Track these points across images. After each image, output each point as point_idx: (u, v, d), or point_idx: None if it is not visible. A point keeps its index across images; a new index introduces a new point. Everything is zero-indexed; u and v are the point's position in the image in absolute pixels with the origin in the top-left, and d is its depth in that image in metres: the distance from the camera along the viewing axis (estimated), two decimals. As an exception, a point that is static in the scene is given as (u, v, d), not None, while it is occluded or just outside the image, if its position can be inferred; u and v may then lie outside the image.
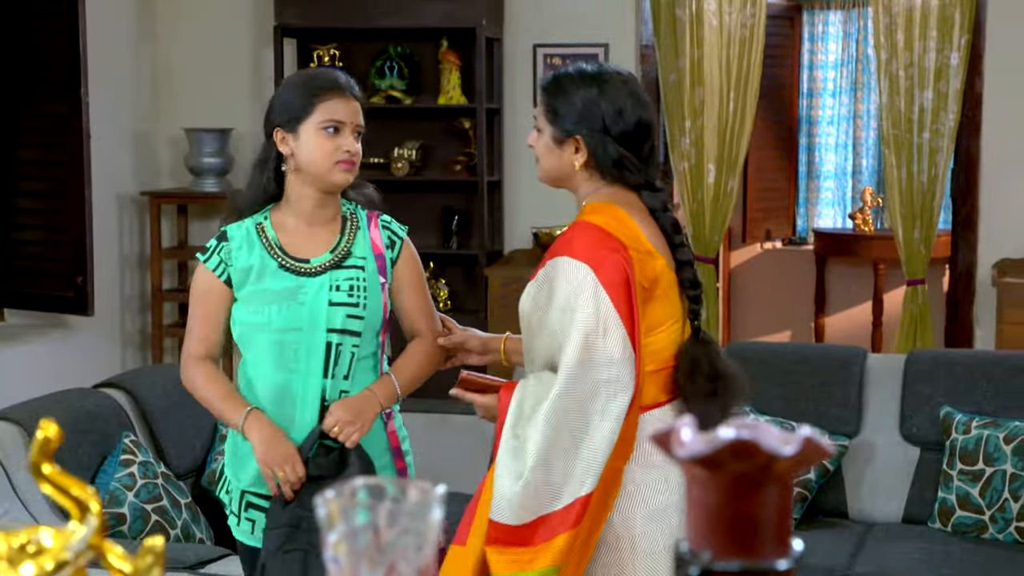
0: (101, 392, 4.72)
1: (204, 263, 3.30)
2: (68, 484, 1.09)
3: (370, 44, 6.94)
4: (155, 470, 4.53)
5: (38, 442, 1.10)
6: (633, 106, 3.07)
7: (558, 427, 2.91)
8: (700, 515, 0.96)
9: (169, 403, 4.84)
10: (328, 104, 3.28)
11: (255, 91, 7.10)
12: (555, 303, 2.96)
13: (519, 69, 6.85)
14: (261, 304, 3.26)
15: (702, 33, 6.66)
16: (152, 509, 4.41)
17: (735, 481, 0.94)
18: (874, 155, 9.49)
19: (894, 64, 6.51)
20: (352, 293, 3.31)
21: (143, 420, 4.76)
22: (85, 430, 4.46)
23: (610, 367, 2.91)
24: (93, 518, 1.07)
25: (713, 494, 0.95)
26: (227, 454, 3.40)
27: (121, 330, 6.90)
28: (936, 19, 6.43)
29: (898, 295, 8.89)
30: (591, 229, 2.99)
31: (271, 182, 3.33)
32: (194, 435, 4.89)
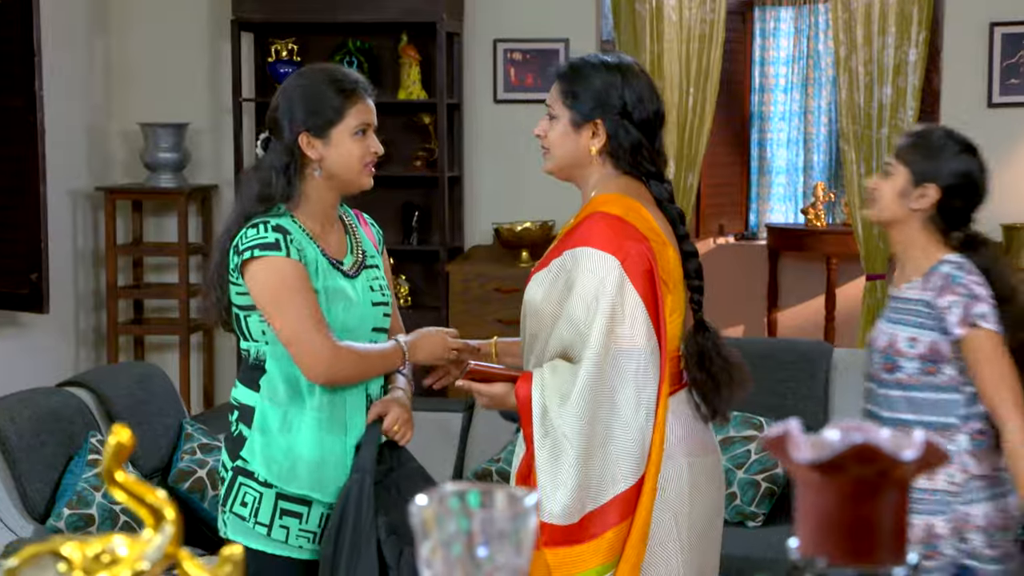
0: (66, 391, 4.65)
1: (285, 255, 3.12)
2: (142, 491, 1.05)
3: (329, 38, 6.87)
4: (123, 470, 4.46)
5: (111, 448, 1.05)
6: (651, 96, 3.08)
7: (591, 421, 2.90)
8: (814, 521, 0.93)
9: (134, 402, 4.78)
10: (360, 107, 3.23)
11: (212, 85, 7.02)
12: (577, 294, 2.95)
13: (479, 64, 6.81)
14: (330, 303, 3.20)
15: (662, 28, 6.65)
16: (120, 510, 4.35)
17: (853, 486, 0.92)
18: (825, 151, 9.53)
19: (853, 60, 6.53)
20: (383, 292, 3.33)
21: (108, 419, 4.69)
22: (51, 429, 4.40)
23: (638, 358, 2.92)
24: (168, 526, 1.03)
25: (829, 499, 0.92)
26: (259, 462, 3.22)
27: (75, 328, 6.80)
28: (895, 15, 6.45)
29: (850, 289, 8.95)
30: (611, 220, 2.98)
31: (290, 186, 3.22)
32: (160, 434, 4.83)
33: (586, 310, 2.93)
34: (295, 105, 3.22)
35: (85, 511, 4.28)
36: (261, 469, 3.21)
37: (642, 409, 2.92)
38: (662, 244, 3.02)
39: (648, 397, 2.92)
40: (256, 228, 3.15)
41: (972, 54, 6.46)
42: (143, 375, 4.92)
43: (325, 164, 3.21)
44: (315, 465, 3.22)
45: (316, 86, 3.25)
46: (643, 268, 2.93)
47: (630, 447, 2.91)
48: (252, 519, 3.22)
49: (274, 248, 3.11)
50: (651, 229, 3.01)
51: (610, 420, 2.91)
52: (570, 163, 3.12)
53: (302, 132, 3.19)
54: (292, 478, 3.21)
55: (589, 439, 2.90)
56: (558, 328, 2.99)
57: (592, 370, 2.90)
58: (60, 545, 1.01)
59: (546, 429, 2.94)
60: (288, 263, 3.12)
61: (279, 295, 3.12)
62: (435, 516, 0.98)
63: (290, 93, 3.27)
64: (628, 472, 2.91)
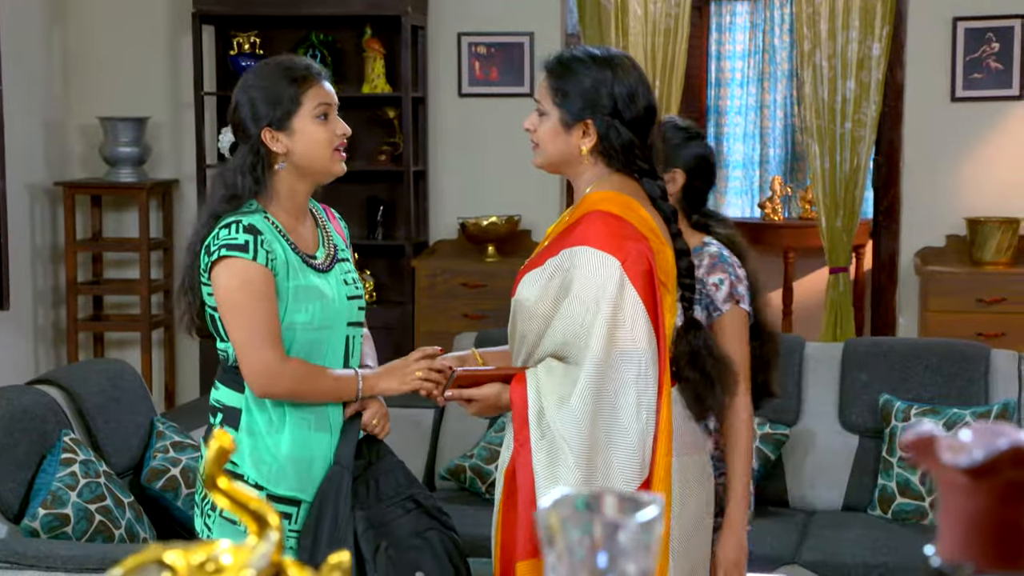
0: (36, 389, 4.55)
1: (251, 259, 3.06)
2: (246, 498, 1.01)
3: (291, 32, 6.80)
4: (97, 469, 4.38)
5: (213, 453, 1.01)
6: (643, 91, 3.01)
7: (592, 424, 2.84)
8: (961, 525, 0.91)
9: (105, 400, 4.69)
10: (315, 90, 3.17)
11: (172, 79, 6.93)
12: (576, 295, 2.89)
13: (443, 58, 6.76)
14: (306, 301, 3.14)
15: (627, 22, 6.64)
16: (96, 509, 4.26)
17: (1005, 489, 0.89)
18: (781, 145, 9.56)
19: (817, 54, 6.55)
20: (356, 285, 3.28)
21: (80, 418, 4.60)
22: (24, 428, 4.30)
23: (640, 361, 2.86)
24: (273, 533, 1.00)
25: (978, 503, 0.90)
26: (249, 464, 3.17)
27: (34, 324, 6.70)
28: (858, 10, 6.47)
29: (807, 282, 8.98)
30: (610, 219, 2.92)
31: (256, 183, 3.15)
32: (131, 432, 4.74)
33: (585, 312, 2.87)
34: (254, 101, 3.16)
35: (60, 511, 4.20)
36: (251, 472, 3.15)
37: (643, 411, 2.86)
38: (661, 243, 2.97)
39: (649, 399, 2.87)
40: (228, 228, 3.09)
41: (935, 49, 6.49)
42: (113, 372, 4.83)
43: (292, 157, 3.15)
44: (303, 465, 3.19)
45: (269, 79, 3.19)
46: (643, 269, 2.88)
47: (631, 451, 2.85)
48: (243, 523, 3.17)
49: (242, 250, 3.06)
50: (650, 228, 2.96)
51: (611, 423, 2.85)
52: (560, 161, 3.07)
53: (264, 128, 3.13)
54: (281, 479, 3.17)
55: (589, 442, 2.84)
56: (553, 328, 2.94)
57: (593, 373, 2.84)
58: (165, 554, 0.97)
59: (543, 430, 2.88)
60: (253, 268, 3.07)
61: (237, 300, 3.08)
62: (560, 521, 0.95)
63: (246, 91, 3.20)
64: (631, 477, 2.85)
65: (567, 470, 2.84)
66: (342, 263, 3.28)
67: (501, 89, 6.72)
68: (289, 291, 3.13)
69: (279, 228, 3.16)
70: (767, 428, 5.12)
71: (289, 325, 3.14)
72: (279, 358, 3.07)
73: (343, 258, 3.30)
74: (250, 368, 3.08)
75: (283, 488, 3.17)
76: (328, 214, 3.38)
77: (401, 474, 3.31)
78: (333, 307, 3.19)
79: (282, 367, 3.08)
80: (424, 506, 3.28)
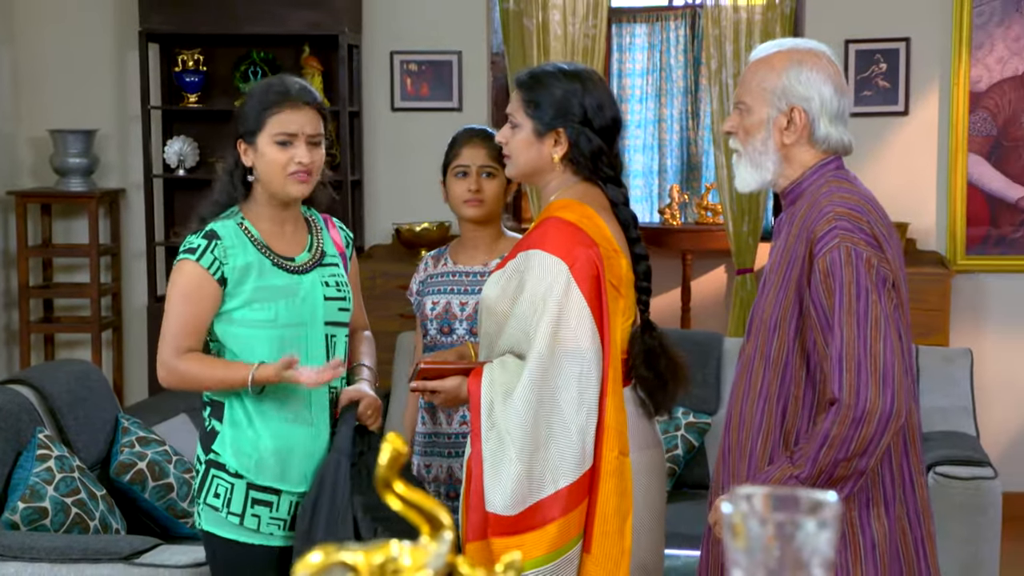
0: (10, 388, 4.44)
1: (196, 261, 3.10)
2: (420, 500, 0.98)
3: (233, 49, 6.70)
4: (71, 464, 4.28)
5: (389, 457, 0.98)
6: (610, 103, 3.01)
7: (535, 418, 2.82)
8: None
9: (73, 398, 4.59)
10: (279, 116, 3.13)
11: (119, 94, 6.79)
12: (526, 294, 2.88)
13: (377, 74, 6.70)
14: (267, 301, 3.12)
15: (548, 42, 6.64)
16: (72, 502, 4.17)
17: None
18: (677, 156, 9.61)
19: (723, 72, 6.60)
20: (339, 288, 3.26)
21: (51, 415, 4.50)
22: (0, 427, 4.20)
23: (582, 360, 2.84)
24: (448, 533, 0.96)
25: None
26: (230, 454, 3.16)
27: (-13, 327, 6.53)
28: (759, 32, 6.54)
29: (703, 282, 9.05)
30: (564, 226, 2.92)
31: (238, 188, 3.19)
32: (98, 428, 4.64)
33: (533, 311, 2.86)
34: (238, 115, 3.20)
35: (39, 504, 4.10)
36: (232, 461, 3.16)
37: (583, 409, 2.84)
38: (613, 251, 2.96)
39: (591, 398, 2.85)
40: (196, 233, 3.15)
41: (830, 68, 6.56)
42: (81, 372, 4.73)
43: (256, 171, 3.17)
44: (281, 456, 3.17)
45: (255, 95, 3.20)
46: (591, 273, 2.87)
47: (570, 445, 2.83)
48: (225, 509, 3.16)
49: (191, 252, 3.11)
50: (603, 237, 2.95)
51: (551, 419, 2.83)
52: (532, 170, 3.07)
53: (238, 139, 3.16)
54: (261, 470, 3.16)
55: (530, 436, 2.82)
56: (508, 326, 2.93)
57: (535, 369, 2.82)
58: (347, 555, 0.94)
59: (492, 422, 2.87)
60: (192, 268, 3.10)
61: (170, 295, 3.15)
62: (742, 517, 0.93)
63: (244, 101, 3.24)
64: (568, 470, 2.83)
65: (509, 462, 2.82)
66: (326, 267, 3.25)
67: (431, 104, 6.68)
68: (247, 292, 3.12)
69: (252, 233, 3.15)
70: (691, 417, 5.15)
71: (250, 322, 3.13)
72: (174, 353, 3.11)
73: (330, 263, 3.26)
74: (158, 358, 3.16)
75: (263, 479, 3.16)
76: (328, 223, 3.37)
77: None
78: (304, 306, 3.16)
79: (174, 363, 3.12)
80: None
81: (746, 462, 2.75)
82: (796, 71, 2.72)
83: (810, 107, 2.72)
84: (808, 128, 2.72)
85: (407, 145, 6.68)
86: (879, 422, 2.53)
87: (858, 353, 2.53)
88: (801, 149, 2.75)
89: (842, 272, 2.57)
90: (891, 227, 2.73)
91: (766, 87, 2.74)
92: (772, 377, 2.71)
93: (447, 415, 3.51)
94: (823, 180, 2.73)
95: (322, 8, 6.37)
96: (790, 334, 2.67)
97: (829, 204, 2.65)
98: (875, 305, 2.55)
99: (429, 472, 3.56)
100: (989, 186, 6.44)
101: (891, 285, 2.61)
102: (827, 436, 2.55)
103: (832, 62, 2.78)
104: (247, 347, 3.14)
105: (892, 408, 2.53)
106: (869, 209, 2.68)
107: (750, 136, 2.78)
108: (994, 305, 6.42)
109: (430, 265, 3.67)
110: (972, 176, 6.45)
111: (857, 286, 2.56)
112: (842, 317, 2.55)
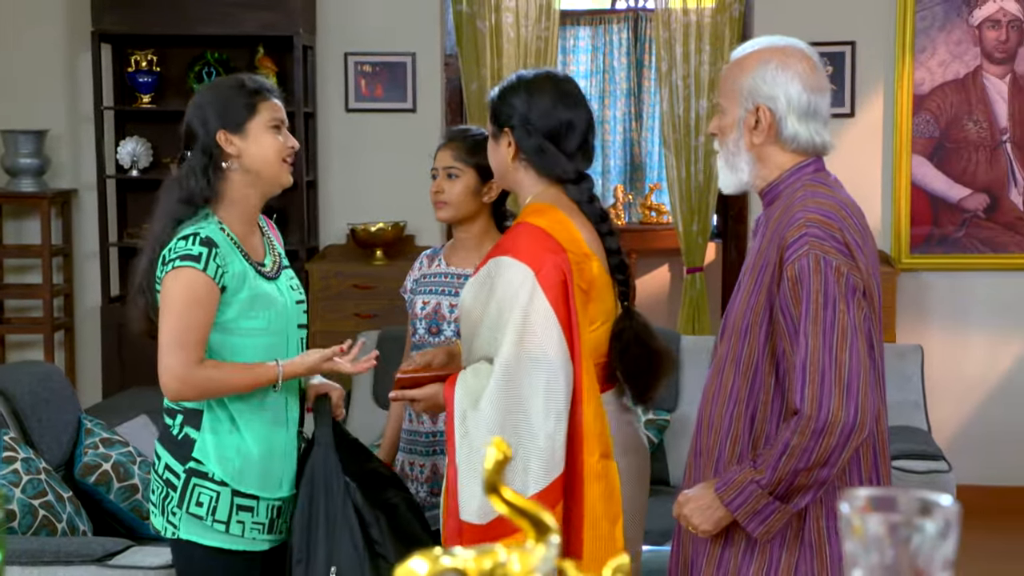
0: (-28, 391, 4.33)
1: (201, 269, 2.97)
2: (525, 505, 0.94)
3: (187, 50, 6.59)
4: (37, 466, 4.18)
5: (496, 462, 0.94)
6: (556, 103, 2.98)
7: (501, 426, 2.76)
8: None
9: (36, 400, 4.48)
10: (269, 103, 3.11)
11: (71, 94, 6.66)
12: (494, 300, 2.83)
13: (331, 75, 6.63)
14: (260, 309, 3.05)
15: (501, 44, 6.60)
16: (39, 504, 4.07)
17: None
18: (621, 156, 9.64)
19: (673, 74, 6.60)
20: (299, 291, 3.22)
21: (15, 417, 4.39)
22: (-35, 429, 4.09)
23: (548, 367, 2.77)
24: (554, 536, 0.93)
25: None
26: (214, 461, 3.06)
27: (-62, 328, 6.38)
28: (709, 35, 6.54)
29: (647, 280, 9.08)
30: (534, 231, 2.89)
31: (209, 186, 3.06)
32: (61, 430, 4.53)
33: (499, 316, 2.81)
34: (207, 110, 3.08)
35: (6, 507, 4.00)
36: (216, 469, 3.06)
37: (551, 416, 2.76)
38: (583, 256, 2.92)
39: (558, 405, 2.77)
40: (186, 240, 3.01)
41: (778, 70, 6.58)
42: (43, 374, 4.62)
43: (244, 160, 3.06)
44: (263, 461, 3.10)
45: (225, 91, 3.12)
46: (557, 279, 2.82)
47: (538, 453, 2.76)
48: (210, 517, 3.06)
49: (194, 260, 2.97)
50: (574, 241, 2.91)
51: (518, 427, 2.76)
52: (501, 173, 3.08)
53: (219, 130, 3.05)
54: (244, 476, 3.08)
55: None
56: (481, 332, 2.88)
57: (501, 376, 2.77)
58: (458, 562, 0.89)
59: (465, 430, 2.82)
60: (198, 277, 2.98)
61: (172, 302, 2.99)
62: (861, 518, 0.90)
63: (200, 102, 3.12)
64: (537, 477, 2.76)
65: (479, 470, 2.77)
66: (286, 270, 3.21)
67: (385, 105, 6.62)
68: (243, 300, 3.03)
69: (233, 239, 3.06)
70: (651, 414, 5.13)
71: (246, 331, 3.05)
72: (191, 363, 2.96)
73: (286, 265, 3.22)
74: (163, 368, 2.98)
75: (245, 485, 3.08)
76: (269, 225, 3.30)
77: (361, 449, 3.26)
78: (285, 311, 3.11)
79: (189, 374, 2.97)
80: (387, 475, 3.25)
81: (712, 466, 2.72)
82: (762, 70, 2.69)
83: (775, 106, 2.68)
84: (775, 127, 2.69)
85: (362, 146, 6.61)
86: (841, 434, 2.49)
87: (823, 363, 2.49)
88: (772, 149, 2.71)
89: (810, 280, 2.52)
90: (866, 232, 2.69)
91: (735, 88, 2.72)
92: (742, 383, 2.67)
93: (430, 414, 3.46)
94: (799, 184, 2.70)
95: (276, 9, 6.29)
96: (760, 339, 2.64)
97: (802, 210, 2.61)
98: (843, 315, 2.51)
99: (412, 470, 3.52)
100: (932, 186, 6.50)
101: (861, 294, 2.56)
102: (787, 445, 2.51)
103: (805, 60, 2.72)
104: (232, 354, 3.05)
105: (855, 420, 2.48)
106: (844, 215, 2.63)
107: (725, 137, 2.76)
108: (937, 302, 6.48)
109: (424, 264, 3.63)
110: (916, 177, 6.50)
111: (825, 295, 2.52)
112: (808, 326, 2.51)
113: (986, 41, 6.45)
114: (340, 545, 3.03)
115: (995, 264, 6.47)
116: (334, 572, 3.03)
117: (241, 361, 3.04)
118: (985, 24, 6.45)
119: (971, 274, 6.47)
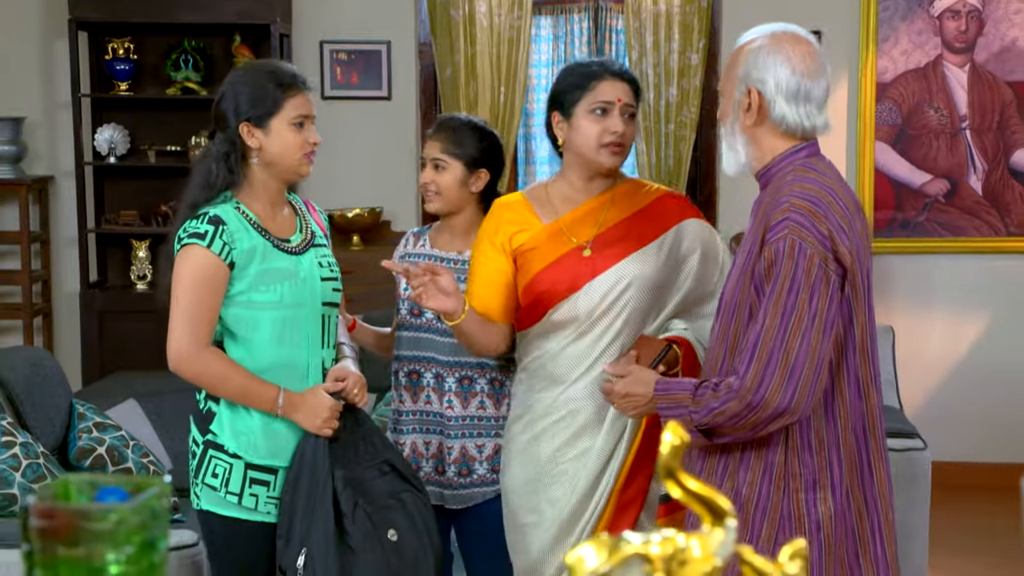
0: (-31, 376, 4.26)
1: (207, 247, 3.01)
2: (703, 491, 0.93)
3: (164, 38, 6.51)
4: (35, 450, 4.13)
5: (673, 448, 0.93)
6: None
7: None
8: None
9: (30, 385, 4.43)
10: (296, 100, 3.13)
11: (48, 81, 6.56)
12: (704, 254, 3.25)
13: (307, 63, 6.57)
14: (272, 283, 3.06)
15: (474, 32, 6.58)
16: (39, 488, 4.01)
17: None
18: (582, 143, 9.63)
19: (644, 62, 6.61)
20: (332, 269, 3.23)
21: (10, 402, 4.34)
22: (-37, 415, 4.03)
23: None
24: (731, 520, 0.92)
25: None
26: (228, 435, 3.10)
27: (-84, 315, 6.28)
28: (678, 24, 6.56)
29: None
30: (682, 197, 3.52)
31: (231, 173, 3.10)
32: (53, 414, 4.48)
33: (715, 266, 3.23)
34: (239, 97, 3.12)
35: (7, 491, 3.96)
36: (230, 442, 3.11)
37: None
38: None
39: None
40: (197, 219, 3.06)
41: (745, 59, 6.61)
42: (35, 359, 4.55)
43: (263, 153, 3.11)
44: (275, 435, 3.14)
45: (257, 79, 3.14)
46: None
47: None
48: (223, 489, 3.11)
49: (200, 237, 3.02)
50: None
51: None
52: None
53: (243, 122, 3.08)
54: (257, 448, 3.12)
55: None
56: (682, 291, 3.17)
57: None
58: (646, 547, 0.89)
59: None
60: (204, 255, 3.01)
61: (181, 280, 3.03)
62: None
63: (234, 86, 3.15)
64: None
65: None
66: (318, 248, 3.23)
67: (361, 92, 6.58)
68: (253, 274, 3.06)
69: (250, 217, 3.10)
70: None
71: (259, 304, 3.07)
72: (193, 343, 3.01)
73: (320, 244, 3.24)
74: (169, 345, 3.03)
75: (259, 457, 3.12)
76: (308, 207, 3.35)
77: (378, 439, 3.27)
78: (305, 286, 3.11)
79: (192, 352, 3.01)
80: (399, 470, 3.23)
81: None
82: (755, 55, 2.73)
83: (764, 88, 2.71)
84: (765, 109, 2.71)
85: (338, 133, 6.57)
86: (772, 414, 2.57)
87: (772, 344, 2.54)
88: (764, 131, 2.73)
89: (783, 264, 2.56)
90: (855, 216, 2.70)
91: (732, 73, 2.77)
92: (730, 360, 2.71)
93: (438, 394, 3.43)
94: (790, 168, 2.72)
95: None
96: (744, 317, 2.68)
97: (788, 195, 2.64)
98: (804, 303, 2.54)
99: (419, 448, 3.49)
100: (894, 172, 6.55)
101: (837, 285, 2.59)
102: (724, 404, 2.60)
103: (800, 45, 2.74)
104: (250, 328, 3.08)
105: (790, 405, 2.55)
106: (830, 200, 2.64)
107: (725, 120, 2.80)
108: (900, 285, 6.54)
109: (410, 242, 3.61)
110: (879, 163, 6.55)
111: (792, 280, 2.55)
112: (768, 306, 2.57)
113: (946, 31, 6.51)
114: (314, 529, 3.05)
115: (955, 247, 6.54)
116: (304, 554, 3.03)
117: (250, 333, 3.06)
118: (945, 15, 6.50)
119: (933, 257, 6.54)
